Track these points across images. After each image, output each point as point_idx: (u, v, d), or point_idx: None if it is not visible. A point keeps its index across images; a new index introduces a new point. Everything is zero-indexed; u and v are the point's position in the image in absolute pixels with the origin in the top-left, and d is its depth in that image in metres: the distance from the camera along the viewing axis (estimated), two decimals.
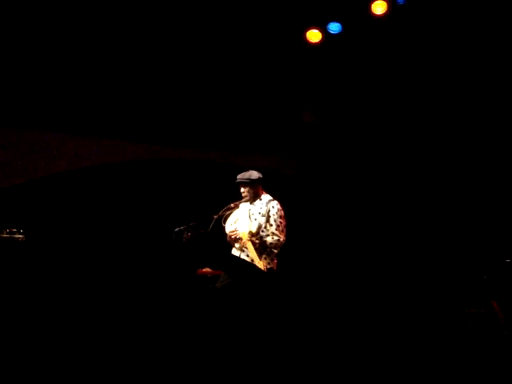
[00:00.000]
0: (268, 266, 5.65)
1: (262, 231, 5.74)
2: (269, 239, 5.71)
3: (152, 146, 8.52)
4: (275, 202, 5.89)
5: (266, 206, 5.83)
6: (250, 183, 5.89)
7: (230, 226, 5.94)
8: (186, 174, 8.45)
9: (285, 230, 5.83)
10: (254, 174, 5.92)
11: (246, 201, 5.95)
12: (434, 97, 8.31)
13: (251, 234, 5.69)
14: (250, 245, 5.65)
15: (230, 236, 5.84)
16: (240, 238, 5.75)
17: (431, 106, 8.39)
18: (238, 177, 5.93)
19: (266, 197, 5.93)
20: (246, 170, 6.04)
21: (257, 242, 5.68)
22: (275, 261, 5.79)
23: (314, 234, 8.38)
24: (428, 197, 8.63)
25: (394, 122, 8.71)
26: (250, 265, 5.53)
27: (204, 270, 6.42)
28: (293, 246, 6.05)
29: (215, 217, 5.82)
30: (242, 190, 5.92)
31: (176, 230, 5.75)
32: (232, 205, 5.96)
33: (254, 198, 5.91)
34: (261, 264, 5.56)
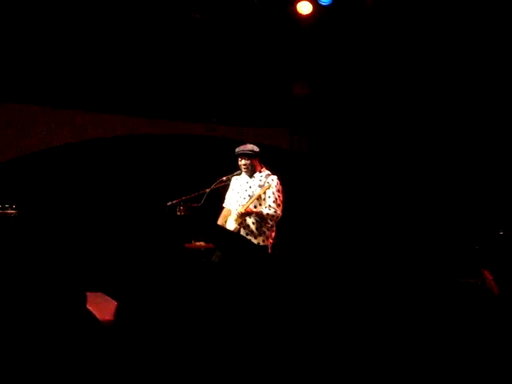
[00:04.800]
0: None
1: (260, 204, 5.77)
2: (265, 210, 5.74)
3: (145, 119, 8.53)
4: (275, 176, 5.92)
5: (266, 178, 5.86)
6: (252, 155, 5.89)
7: (229, 199, 5.99)
8: (178, 148, 8.44)
9: (282, 204, 5.85)
10: (255, 147, 5.91)
11: (238, 174, 5.96)
12: (424, 63, 8.27)
13: (250, 204, 5.72)
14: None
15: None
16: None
17: (420, 71, 8.33)
18: (240, 149, 5.90)
19: (265, 171, 5.96)
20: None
21: (255, 210, 5.72)
22: (273, 234, 5.84)
23: (311, 212, 8.40)
24: (423, 169, 8.62)
25: (386, 93, 8.68)
26: (242, 238, 5.55)
27: (198, 243, 6.45)
28: (290, 221, 6.08)
29: (207, 191, 5.84)
30: (244, 162, 5.88)
31: (169, 203, 5.78)
32: (224, 178, 5.98)
33: (252, 170, 5.91)
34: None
